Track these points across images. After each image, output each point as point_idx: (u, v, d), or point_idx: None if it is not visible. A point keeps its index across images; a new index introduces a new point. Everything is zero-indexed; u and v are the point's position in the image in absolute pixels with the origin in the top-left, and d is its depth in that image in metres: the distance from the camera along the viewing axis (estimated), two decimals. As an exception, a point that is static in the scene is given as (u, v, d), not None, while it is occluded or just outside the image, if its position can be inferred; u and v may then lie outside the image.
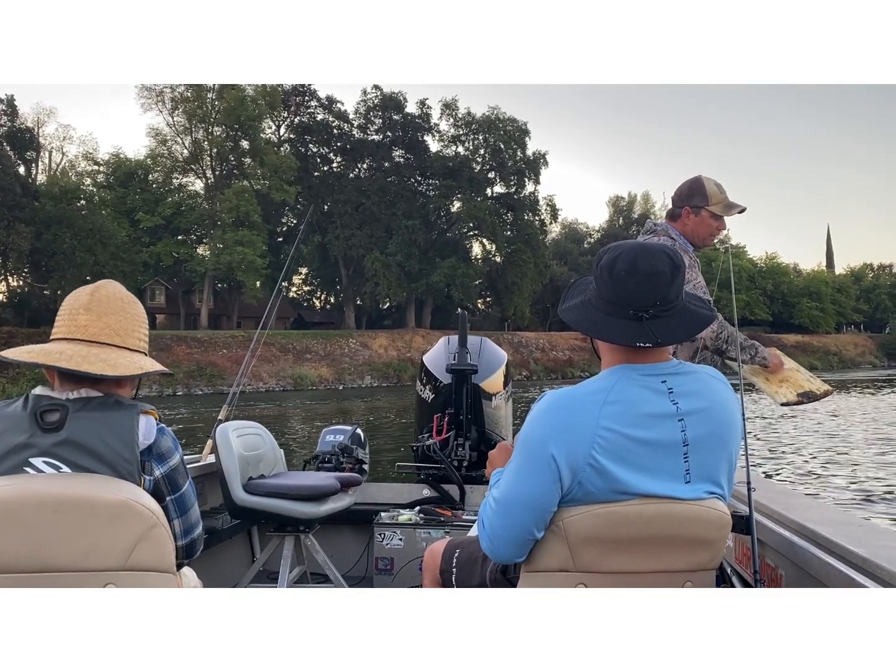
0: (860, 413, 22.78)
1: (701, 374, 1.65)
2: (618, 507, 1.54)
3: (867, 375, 54.82)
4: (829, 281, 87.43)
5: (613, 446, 1.52)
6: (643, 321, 1.56)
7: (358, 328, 59.08)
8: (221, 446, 3.34)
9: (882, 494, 10.02)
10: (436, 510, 3.80)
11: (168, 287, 57.78)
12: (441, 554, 2.04)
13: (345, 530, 3.99)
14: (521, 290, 61.16)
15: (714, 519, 1.60)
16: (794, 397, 2.96)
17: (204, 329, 51.61)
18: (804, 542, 1.93)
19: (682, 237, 3.17)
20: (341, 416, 25.61)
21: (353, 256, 56.98)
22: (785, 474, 11.63)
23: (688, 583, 1.62)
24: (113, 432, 1.61)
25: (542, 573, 1.62)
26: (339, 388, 46.93)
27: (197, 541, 1.84)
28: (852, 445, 15.12)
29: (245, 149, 55.61)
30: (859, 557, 1.66)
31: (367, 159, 60.97)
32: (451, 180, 59.48)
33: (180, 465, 1.76)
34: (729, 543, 2.52)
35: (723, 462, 1.62)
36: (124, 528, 1.49)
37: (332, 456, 3.83)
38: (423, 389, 4.21)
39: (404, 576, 3.62)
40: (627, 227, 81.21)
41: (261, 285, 54.26)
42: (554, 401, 1.59)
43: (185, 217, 52.47)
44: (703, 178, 3.19)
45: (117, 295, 1.74)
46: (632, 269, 1.56)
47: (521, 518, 1.58)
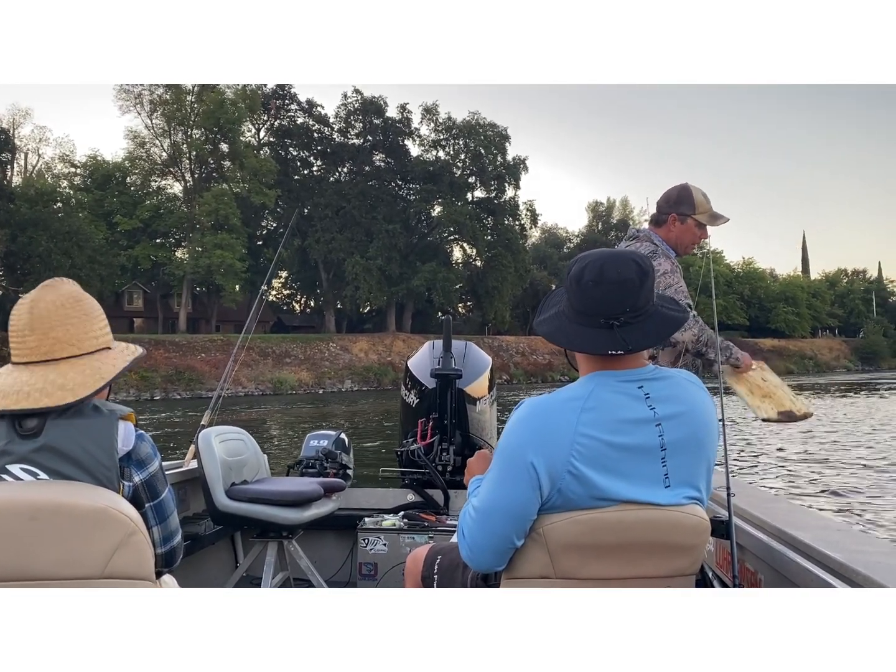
0: (842, 415, 23.09)
1: (677, 378, 1.66)
2: (598, 513, 1.55)
3: (843, 379, 55.57)
4: (804, 286, 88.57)
5: (592, 453, 1.53)
6: (614, 329, 1.57)
7: (338, 332, 58.89)
8: (204, 452, 3.32)
9: (857, 495, 10.14)
10: (420, 515, 3.79)
11: (146, 291, 57.26)
12: (423, 560, 2.03)
13: (328, 536, 3.97)
14: (501, 295, 61.37)
15: (693, 525, 1.60)
16: (775, 415, 2.98)
17: (182, 333, 51.18)
18: (783, 546, 1.95)
19: (664, 243, 3.20)
20: (323, 421, 25.51)
21: (333, 260, 56.82)
22: (764, 478, 11.74)
23: (667, 588, 1.62)
24: (92, 438, 1.58)
25: (522, 580, 1.63)
26: (318, 392, 46.73)
27: (177, 549, 1.81)
28: (830, 448, 15.31)
29: (224, 152, 55.29)
30: (836, 562, 1.68)
31: (347, 163, 60.86)
32: (432, 185, 59.55)
33: (159, 472, 1.73)
34: (710, 548, 2.54)
35: (701, 466, 1.63)
36: (103, 536, 1.47)
37: (316, 461, 3.82)
38: (408, 394, 4.20)
39: (388, 581, 3.60)
40: (606, 232, 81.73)
41: (240, 289, 53.94)
42: (532, 409, 1.59)
43: (163, 220, 52.01)
44: (690, 186, 3.22)
45: (56, 303, 1.64)
46: (599, 277, 1.58)
47: (501, 526, 1.58)
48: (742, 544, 2.18)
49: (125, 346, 1.78)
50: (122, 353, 1.73)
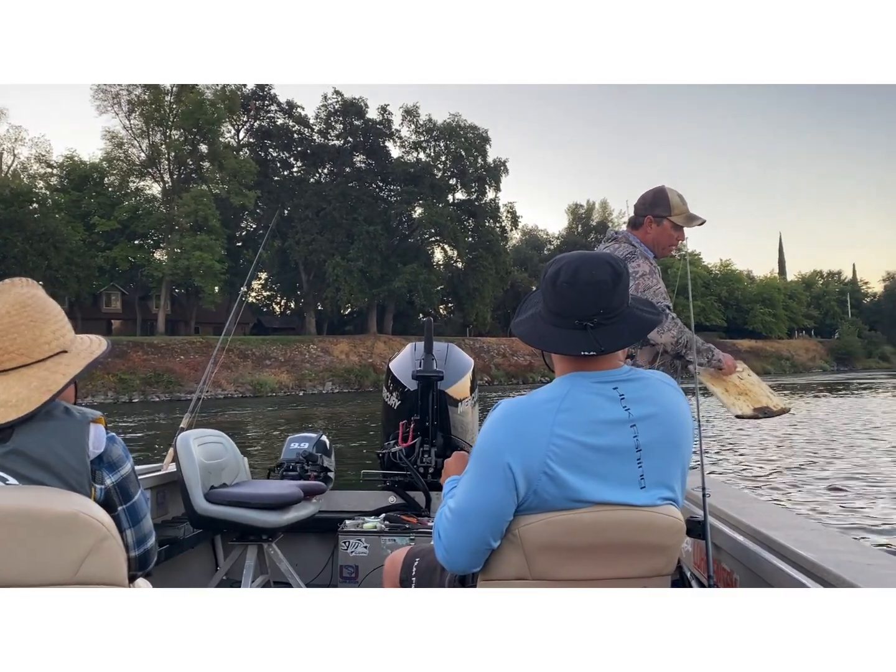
0: (820, 414, 23.37)
1: (652, 379, 1.67)
2: (573, 514, 1.55)
3: (820, 379, 56.24)
4: (781, 288, 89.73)
5: (568, 454, 1.54)
6: (588, 330, 1.58)
7: (319, 334, 58.68)
8: (182, 455, 3.29)
9: (834, 493, 10.27)
10: (401, 517, 3.78)
11: (124, 292, 56.73)
12: (401, 562, 2.04)
13: (309, 538, 3.95)
14: (482, 296, 61.51)
15: (668, 525, 1.61)
16: (750, 411, 2.97)
17: (161, 335, 50.75)
18: (757, 546, 1.97)
19: (642, 244, 3.22)
20: (304, 423, 25.39)
21: (313, 261, 56.62)
22: (741, 477, 11.84)
23: (642, 588, 1.63)
24: (62, 442, 1.55)
25: (498, 581, 1.63)
26: (299, 394, 46.52)
27: (151, 551, 1.79)
28: (808, 447, 15.48)
29: (203, 152, 54.92)
30: (808, 562, 1.70)
31: (327, 164, 60.70)
32: (413, 186, 59.56)
33: (132, 474, 1.71)
34: (688, 548, 2.56)
35: (676, 466, 1.64)
36: (73, 541, 1.44)
37: (297, 464, 3.79)
38: (390, 396, 4.20)
39: (369, 583, 3.59)
40: (586, 234, 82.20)
41: (219, 291, 53.57)
42: (508, 410, 1.60)
43: (141, 221, 51.51)
44: (666, 188, 3.25)
45: (1, 312, 1.58)
46: (573, 279, 1.59)
47: (477, 528, 1.58)
48: (718, 544, 2.20)
49: (87, 345, 1.72)
50: (77, 356, 1.67)
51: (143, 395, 41.30)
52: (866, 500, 9.84)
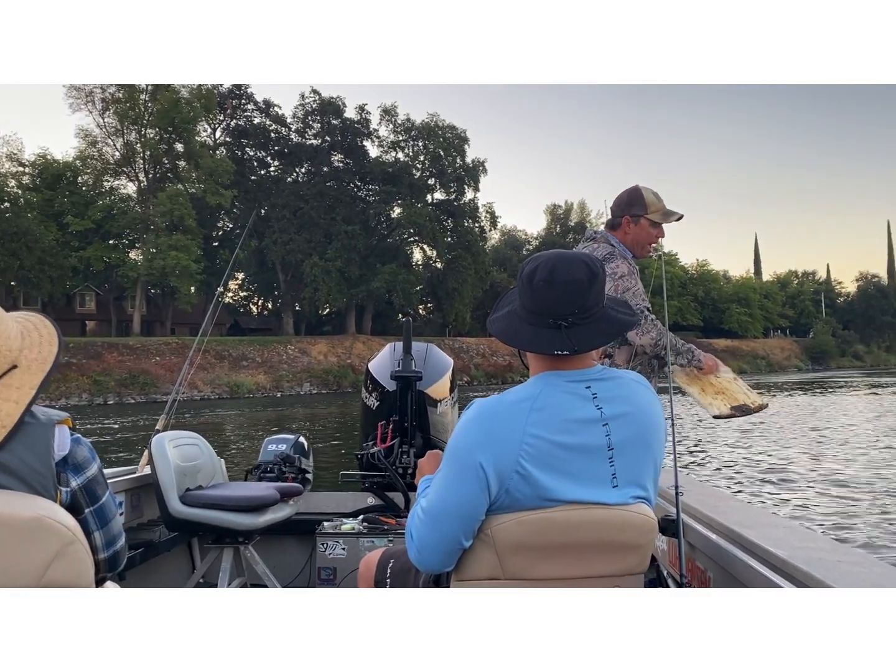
0: (795, 412, 23.67)
1: (625, 379, 1.68)
2: (545, 513, 1.55)
3: (796, 378, 56.95)
4: (756, 287, 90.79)
5: (540, 453, 1.54)
6: (562, 329, 1.59)
7: (297, 334, 58.38)
8: (157, 457, 3.25)
9: (805, 490, 10.39)
10: (379, 518, 3.76)
11: (99, 293, 56.08)
12: (376, 564, 2.03)
13: (287, 541, 3.91)
14: (461, 296, 61.57)
15: (640, 524, 1.61)
16: (728, 410, 2.95)
17: (136, 336, 50.22)
18: (729, 544, 1.98)
19: (621, 245, 3.22)
20: (282, 424, 25.23)
21: (291, 261, 56.31)
22: (713, 475, 11.94)
23: (616, 587, 1.64)
24: (26, 445, 1.50)
25: (471, 581, 1.62)
26: (276, 395, 46.25)
27: (120, 553, 1.76)
28: (780, 444, 15.66)
29: (179, 152, 54.41)
30: (779, 559, 1.71)
31: (305, 163, 60.41)
32: (391, 186, 59.46)
33: (98, 475, 1.67)
34: (663, 546, 2.57)
35: (648, 465, 1.65)
36: (38, 546, 1.41)
37: (274, 466, 3.75)
38: (368, 397, 4.17)
39: (347, 585, 3.56)
40: (564, 234, 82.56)
41: (195, 291, 53.10)
42: (481, 410, 1.60)
43: (116, 221, 50.92)
44: (640, 187, 3.25)
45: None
46: (549, 278, 1.59)
47: (449, 527, 1.58)
48: (692, 542, 2.21)
49: (38, 345, 1.59)
50: (28, 370, 1.55)
51: (118, 397, 40.81)
52: (837, 495, 9.96)
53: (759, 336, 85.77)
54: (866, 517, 8.70)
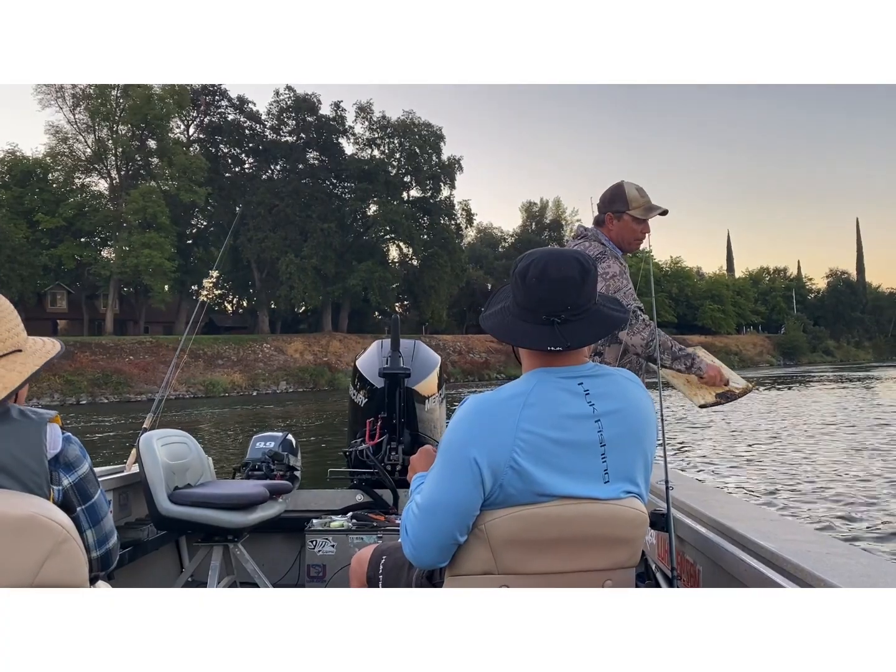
0: (774, 407, 23.99)
1: (616, 376, 1.70)
2: (538, 508, 1.56)
3: (767, 373, 57.71)
4: (729, 284, 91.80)
5: (533, 448, 1.55)
6: (555, 325, 1.61)
7: (272, 332, 58.00)
8: (145, 455, 3.22)
9: (793, 484, 10.52)
10: (368, 515, 3.75)
11: (70, 291, 55.21)
12: (368, 560, 2.04)
13: (276, 538, 3.90)
14: (438, 294, 61.58)
15: (632, 518, 1.64)
16: (713, 398, 2.93)
17: (109, 335, 49.58)
18: (719, 538, 2.01)
19: (611, 243, 3.24)
20: (262, 422, 25.05)
21: (266, 259, 55.90)
22: (702, 470, 12.06)
23: (608, 581, 1.66)
24: (19, 444, 1.52)
25: (466, 576, 1.64)
26: (252, 394, 45.94)
27: (112, 551, 1.78)
28: (766, 439, 15.85)
29: (152, 148, 53.77)
30: (768, 552, 1.73)
31: (280, 161, 60.00)
32: (367, 183, 59.25)
33: (90, 474, 1.69)
34: (652, 540, 2.59)
35: (639, 461, 1.67)
36: (32, 544, 1.42)
37: (263, 463, 3.74)
38: (356, 394, 4.16)
39: (337, 582, 3.56)
40: (540, 231, 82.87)
41: (169, 289, 52.50)
42: (475, 406, 1.61)
43: (88, 219, 50.21)
44: (624, 183, 3.26)
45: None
46: (542, 275, 1.61)
47: (444, 523, 1.59)
48: (681, 536, 2.23)
49: (41, 345, 1.71)
50: (33, 354, 1.66)
51: (90, 397, 40.28)
52: (826, 491, 10.08)
53: (732, 332, 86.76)
54: (854, 509, 8.84)
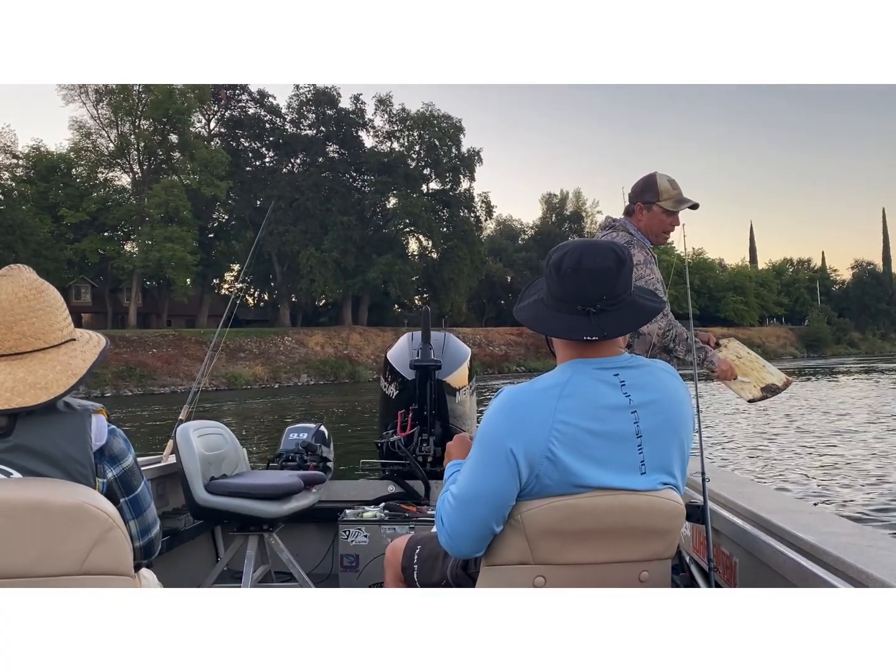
0: (809, 400, 23.72)
1: (652, 367, 1.70)
2: (574, 499, 1.57)
3: (790, 366, 57.07)
4: (752, 276, 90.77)
5: (570, 439, 1.56)
6: (590, 316, 1.60)
7: (293, 326, 58.28)
8: (182, 447, 3.26)
9: (828, 478, 10.36)
10: (400, 506, 3.78)
11: (94, 285, 55.84)
12: (402, 550, 2.05)
13: (309, 528, 3.94)
14: (457, 287, 61.51)
15: (668, 510, 1.64)
16: (759, 393, 2.94)
17: (132, 328, 50.10)
18: (756, 530, 1.99)
19: (639, 233, 3.22)
20: (284, 415, 25.20)
21: (287, 253, 56.15)
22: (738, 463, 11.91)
23: (643, 572, 1.66)
24: (65, 435, 1.55)
25: (501, 567, 1.64)
26: (274, 386, 46.22)
27: (155, 540, 1.80)
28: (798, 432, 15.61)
29: (174, 143, 54.13)
30: (808, 545, 1.72)
31: (300, 154, 60.15)
32: (387, 176, 59.27)
33: (134, 466, 1.71)
34: (687, 532, 2.58)
35: (675, 452, 1.67)
36: (79, 533, 1.45)
37: (296, 454, 3.78)
38: (387, 386, 4.19)
39: (370, 573, 3.59)
40: (560, 223, 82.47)
41: (191, 283, 52.89)
42: (511, 397, 1.62)
43: (111, 213, 50.67)
44: (657, 174, 3.24)
45: (19, 295, 1.58)
46: (577, 265, 1.61)
47: (480, 513, 1.60)
48: (717, 528, 2.22)
49: (89, 337, 1.72)
50: (87, 343, 1.68)
51: (114, 390, 40.70)
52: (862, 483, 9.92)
53: (754, 324, 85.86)
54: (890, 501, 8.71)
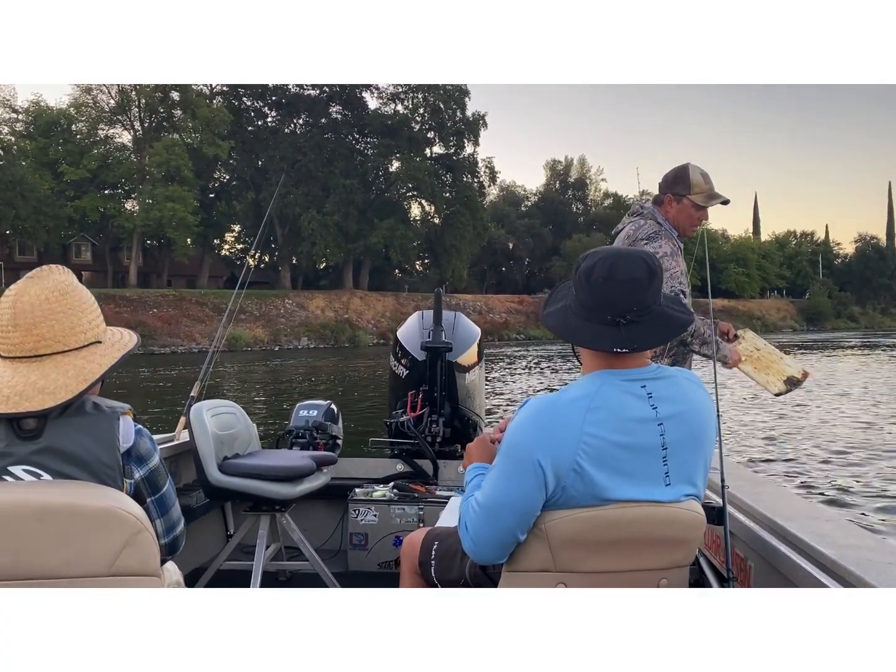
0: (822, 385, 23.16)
1: (678, 378, 1.70)
2: (599, 511, 1.58)
3: (789, 339, 56.96)
4: (755, 247, 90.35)
5: (597, 452, 1.56)
6: (620, 327, 1.59)
7: (294, 288, 58.16)
8: (196, 427, 3.27)
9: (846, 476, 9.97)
10: (409, 486, 3.81)
11: (94, 243, 55.63)
12: (420, 544, 2.06)
13: (319, 505, 3.98)
14: (459, 253, 61.21)
15: (690, 520, 1.65)
16: (784, 386, 2.94)
17: (133, 287, 49.99)
18: (772, 537, 1.99)
19: (667, 222, 3.19)
20: (278, 381, 25.20)
21: (288, 215, 55.77)
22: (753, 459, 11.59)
23: (663, 580, 1.68)
24: (93, 438, 1.57)
25: (523, 573, 1.66)
26: (274, 349, 46.28)
27: (179, 537, 1.84)
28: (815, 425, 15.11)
29: (175, 101, 53.43)
30: (829, 560, 1.70)
31: (303, 114, 59.44)
32: (390, 139, 58.58)
33: (160, 466, 1.73)
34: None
35: (699, 463, 1.68)
36: (109, 535, 1.47)
37: (306, 431, 3.79)
38: (397, 365, 4.19)
39: (378, 551, 3.64)
40: (564, 190, 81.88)
41: (192, 243, 52.64)
42: (539, 408, 1.62)
43: (112, 170, 50.24)
44: (690, 166, 3.19)
45: (41, 298, 1.58)
46: (609, 275, 1.59)
47: (506, 523, 1.61)
48: (732, 531, 2.21)
49: (119, 337, 1.73)
50: (112, 346, 1.69)
51: (115, 349, 40.74)
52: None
53: (755, 296, 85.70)
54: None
